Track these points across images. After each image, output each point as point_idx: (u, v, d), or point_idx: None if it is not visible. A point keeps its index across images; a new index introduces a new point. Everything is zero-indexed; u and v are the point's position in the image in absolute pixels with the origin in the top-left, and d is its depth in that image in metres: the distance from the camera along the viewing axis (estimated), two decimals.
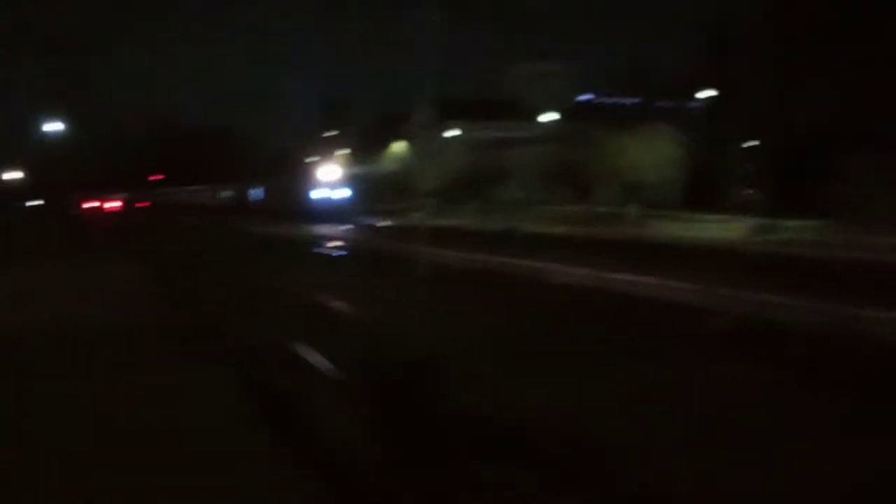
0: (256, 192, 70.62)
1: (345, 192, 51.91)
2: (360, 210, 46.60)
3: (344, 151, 61.99)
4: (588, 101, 56.26)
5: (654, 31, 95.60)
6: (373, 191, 51.09)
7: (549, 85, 48.68)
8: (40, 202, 53.60)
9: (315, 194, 53.26)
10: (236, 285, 16.06)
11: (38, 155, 50.50)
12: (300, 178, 59.30)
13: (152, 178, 74.59)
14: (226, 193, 76.12)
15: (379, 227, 38.64)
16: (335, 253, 26.67)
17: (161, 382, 8.19)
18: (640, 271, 15.93)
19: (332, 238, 31.75)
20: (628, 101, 53.15)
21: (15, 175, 55.85)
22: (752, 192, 39.61)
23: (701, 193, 47.53)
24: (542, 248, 23.47)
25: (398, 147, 63.94)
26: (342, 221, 41.74)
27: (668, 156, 45.86)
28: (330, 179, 53.40)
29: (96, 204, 53.52)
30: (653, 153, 45.40)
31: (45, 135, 40.74)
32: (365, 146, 60.01)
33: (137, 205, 65.24)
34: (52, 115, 41.82)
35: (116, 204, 57.48)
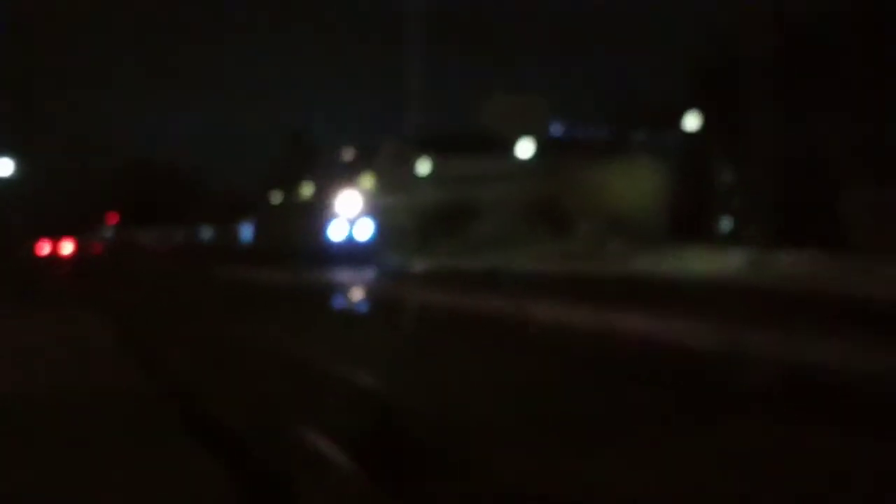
0: (244, 230, 64.90)
1: (367, 229, 45.43)
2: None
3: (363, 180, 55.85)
4: (566, 133, 54.85)
5: (636, 61, 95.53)
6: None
7: (525, 116, 47.10)
8: None
9: (335, 232, 45.66)
10: (219, 344, 13.71)
11: None
12: (300, 212, 53.75)
13: (111, 219, 72.57)
14: (206, 233, 71.77)
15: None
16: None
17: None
18: (642, 312, 14.65)
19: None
20: (608, 132, 51.85)
21: None
22: (742, 224, 38.42)
23: (687, 226, 46.30)
24: (548, 289, 22.23)
25: (365, 182, 62.62)
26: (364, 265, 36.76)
27: (651, 188, 44.55)
28: (350, 212, 45.52)
29: (51, 247, 51.22)
30: (635, 186, 44.04)
31: None
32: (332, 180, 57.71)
33: (96, 248, 63.04)
34: (3, 155, 39.58)
35: (69, 248, 55.07)
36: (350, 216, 44.69)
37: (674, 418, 7.72)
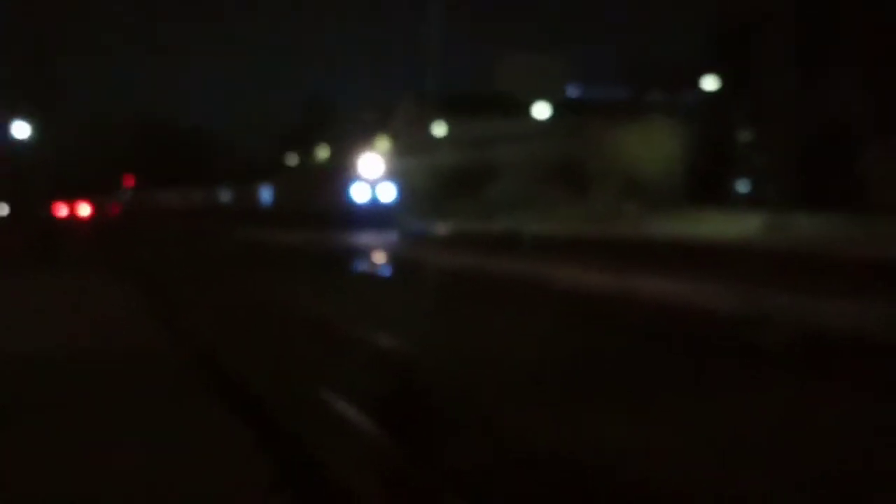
0: (264, 193, 63.38)
1: (390, 191, 44.40)
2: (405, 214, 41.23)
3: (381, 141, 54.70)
4: (584, 94, 54.47)
5: (654, 23, 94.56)
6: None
7: (541, 77, 46.71)
8: (7, 209, 51.50)
9: (357, 194, 44.73)
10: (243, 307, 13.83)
11: (4, 159, 48.34)
12: (321, 175, 52.78)
13: (129, 181, 72.50)
14: (224, 195, 71.27)
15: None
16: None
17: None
18: (664, 276, 14.56)
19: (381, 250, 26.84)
20: (625, 93, 51.43)
21: None
22: (760, 186, 38.12)
23: (705, 188, 45.99)
24: (569, 252, 22.10)
25: (381, 145, 62.33)
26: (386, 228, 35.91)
27: (668, 150, 44.23)
28: (372, 175, 43.90)
29: (69, 210, 51.32)
30: (653, 148, 43.73)
31: (13, 139, 38.63)
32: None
33: (114, 210, 63.07)
34: (20, 118, 39.67)
35: (87, 210, 55.07)
36: (372, 178, 43.97)
37: (683, 376, 7.77)
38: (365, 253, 25.95)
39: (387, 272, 21.43)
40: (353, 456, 5.63)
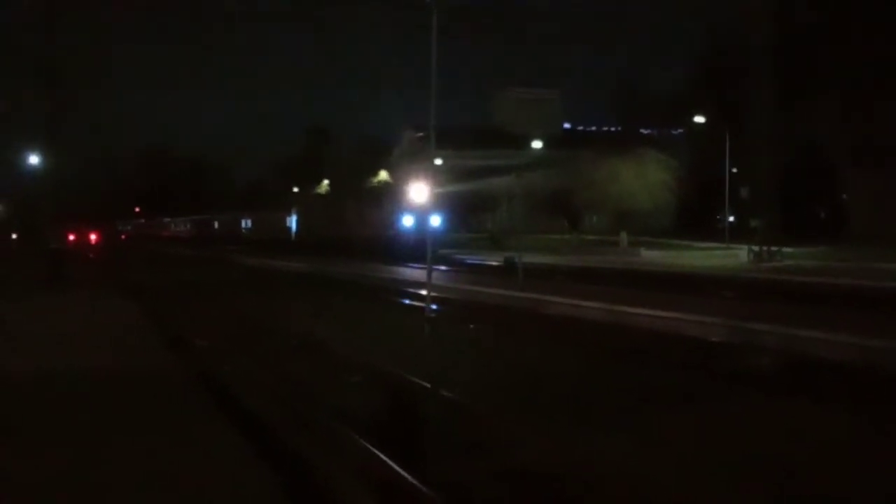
0: (290, 222, 61.70)
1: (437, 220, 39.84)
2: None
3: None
4: (577, 127, 56.03)
5: (644, 58, 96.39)
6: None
7: (537, 111, 48.15)
8: (21, 235, 52.56)
9: (405, 223, 43.25)
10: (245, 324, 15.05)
11: (18, 187, 49.61)
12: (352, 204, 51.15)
13: (134, 210, 73.61)
14: (246, 223, 69.74)
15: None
16: None
17: None
18: (654, 305, 15.19)
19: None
20: (617, 127, 52.97)
21: None
22: (746, 217, 39.29)
23: (693, 220, 47.34)
24: (562, 281, 22.88)
25: (382, 176, 63.50)
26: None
27: (658, 183, 45.63)
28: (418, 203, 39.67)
29: (80, 236, 52.34)
30: (643, 180, 45.15)
31: (27, 166, 39.93)
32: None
33: (121, 237, 63.91)
34: (34, 147, 40.98)
35: (95, 237, 55.99)
36: (419, 207, 40.13)
37: (664, 398, 8.43)
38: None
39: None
40: None
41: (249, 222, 67.26)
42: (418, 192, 28.43)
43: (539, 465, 6.38)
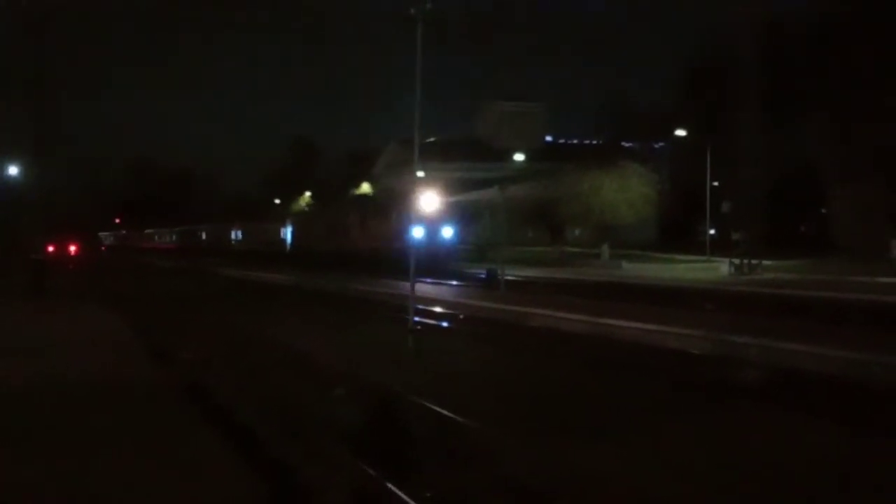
0: (285, 233, 59.47)
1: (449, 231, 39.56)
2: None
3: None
4: (559, 140, 56.23)
5: (628, 71, 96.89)
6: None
7: (519, 124, 48.34)
8: (1, 246, 52.05)
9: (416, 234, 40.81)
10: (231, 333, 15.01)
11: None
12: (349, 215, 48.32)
13: (116, 221, 73.27)
14: (236, 234, 67.40)
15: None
16: None
17: None
18: (636, 317, 15.29)
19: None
20: (600, 140, 53.14)
21: None
22: (729, 230, 39.41)
23: (676, 233, 47.55)
24: (545, 293, 22.99)
25: (364, 188, 63.43)
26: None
27: (640, 196, 45.76)
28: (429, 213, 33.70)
29: (59, 248, 51.98)
30: (625, 193, 45.27)
31: (7, 177, 39.53)
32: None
33: (102, 249, 63.53)
34: (16, 158, 40.58)
35: (77, 248, 55.64)
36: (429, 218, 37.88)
37: (648, 409, 8.58)
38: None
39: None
40: None
41: (240, 233, 65.73)
42: (428, 201, 25.82)
43: (526, 476, 6.43)
